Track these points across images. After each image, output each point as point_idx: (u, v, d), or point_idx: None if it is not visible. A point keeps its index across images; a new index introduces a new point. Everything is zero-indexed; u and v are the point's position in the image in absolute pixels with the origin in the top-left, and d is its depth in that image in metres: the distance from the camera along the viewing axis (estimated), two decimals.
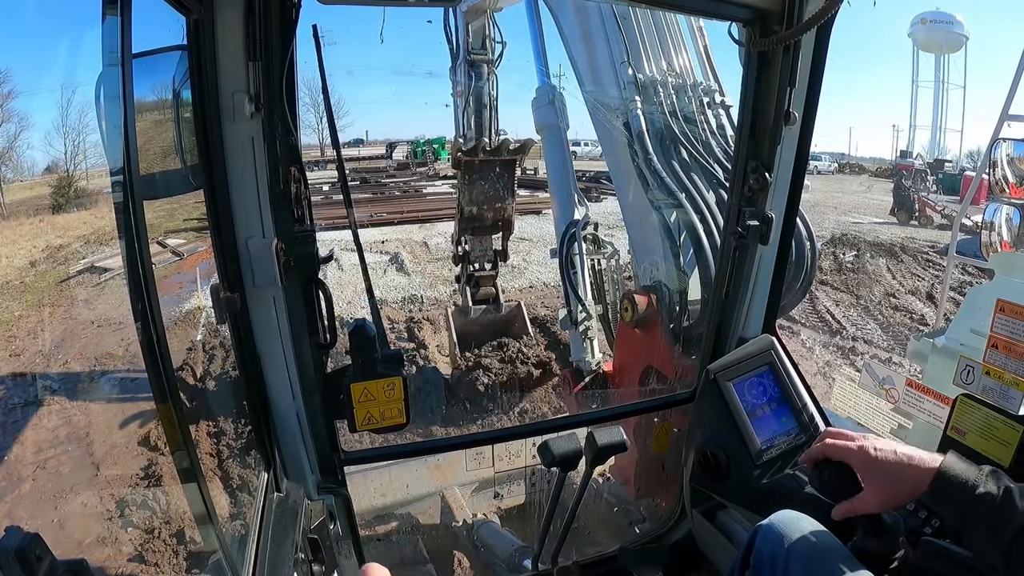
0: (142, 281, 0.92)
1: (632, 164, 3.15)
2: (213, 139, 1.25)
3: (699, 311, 2.88)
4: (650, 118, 3.18)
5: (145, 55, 1.09)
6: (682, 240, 2.97)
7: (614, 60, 3.22)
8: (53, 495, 4.98)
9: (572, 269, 3.66)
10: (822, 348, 8.15)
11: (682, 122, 3.21)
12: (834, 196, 25.05)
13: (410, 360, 7.75)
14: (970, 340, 3.19)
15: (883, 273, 11.73)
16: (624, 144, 3.19)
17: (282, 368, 1.48)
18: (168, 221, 13.07)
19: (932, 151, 32.18)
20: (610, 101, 3.28)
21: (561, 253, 3.76)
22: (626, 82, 3.19)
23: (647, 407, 2.36)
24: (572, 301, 3.73)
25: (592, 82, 3.39)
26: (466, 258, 6.82)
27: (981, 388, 2.77)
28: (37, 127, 20.38)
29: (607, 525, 3.05)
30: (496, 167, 6.06)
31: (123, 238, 0.91)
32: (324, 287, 1.48)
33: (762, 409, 1.87)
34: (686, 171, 3.08)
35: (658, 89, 3.19)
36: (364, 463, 1.78)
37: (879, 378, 3.39)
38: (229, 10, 1.18)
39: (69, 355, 7.71)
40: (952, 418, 1.60)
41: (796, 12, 1.57)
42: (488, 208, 6.27)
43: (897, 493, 1.19)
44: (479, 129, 6.05)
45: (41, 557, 0.71)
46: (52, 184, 17.71)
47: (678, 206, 2.97)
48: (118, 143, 0.89)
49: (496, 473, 3.38)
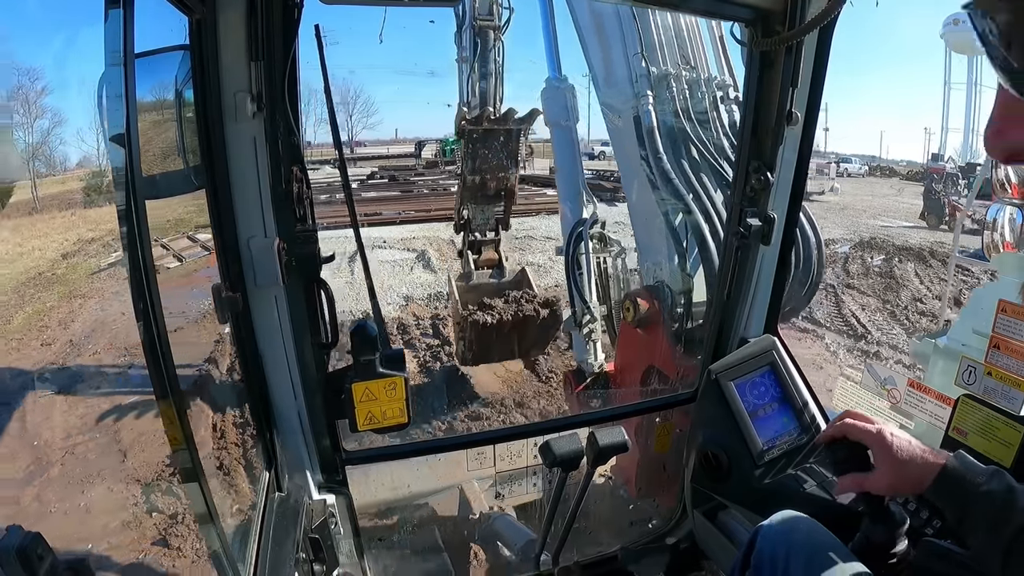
0: (144, 280, 0.93)
1: (641, 164, 3.11)
2: (215, 139, 1.25)
3: (701, 311, 2.88)
4: (661, 115, 3.13)
5: (147, 55, 1.10)
6: (687, 241, 2.96)
7: (627, 51, 3.16)
8: (63, 487, 5.00)
9: (578, 270, 3.62)
10: (846, 352, 8.12)
11: (694, 119, 3.17)
12: (864, 199, 24.90)
13: (434, 356, 7.79)
14: (972, 341, 3.18)
15: (911, 278, 11.65)
16: (634, 143, 3.15)
17: (284, 367, 1.48)
18: (199, 216, 13.15)
19: (964, 154, 31.80)
20: (622, 96, 3.22)
21: (567, 253, 3.73)
22: (639, 75, 3.13)
23: (649, 407, 2.36)
24: (577, 302, 3.71)
25: (604, 73, 3.33)
26: (467, 226, 6.63)
27: (983, 389, 2.76)
28: (69, 123, 20.32)
29: (608, 525, 3.05)
30: (500, 136, 5.85)
31: (125, 237, 0.92)
32: (326, 287, 1.48)
33: (764, 409, 1.87)
34: (695, 171, 3.05)
35: (671, 83, 3.13)
36: (365, 463, 1.78)
37: (880, 378, 3.39)
38: (231, 10, 1.18)
39: (99, 345, 7.81)
40: (954, 418, 1.60)
41: (798, 12, 1.57)
42: (491, 177, 6.07)
43: (905, 480, 1.21)
44: (484, 97, 5.87)
45: (42, 556, 0.71)
46: (83, 178, 17.75)
47: (685, 207, 2.95)
48: (120, 142, 0.89)
49: (498, 473, 3.38)
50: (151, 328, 0.95)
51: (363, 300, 9.16)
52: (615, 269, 3.85)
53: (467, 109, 5.81)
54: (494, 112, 5.73)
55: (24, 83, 18.69)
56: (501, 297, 6.34)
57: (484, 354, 6.38)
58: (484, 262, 6.85)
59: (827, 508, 1.40)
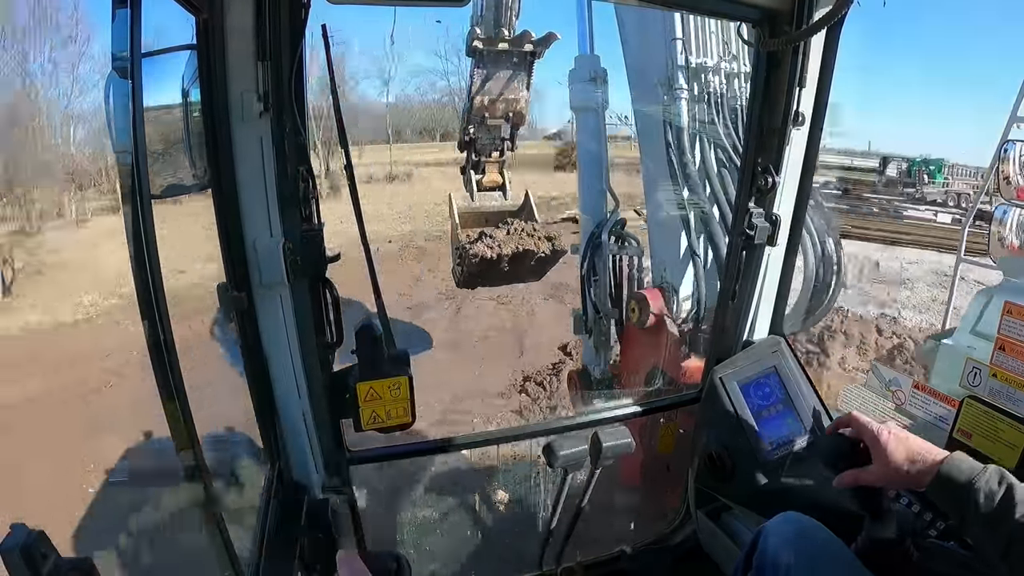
0: (149, 280, 0.93)
1: (666, 161, 2.99)
2: (221, 138, 1.25)
3: (706, 312, 2.87)
4: (693, 111, 2.99)
5: (154, 55, 1.10)
6: (701, 241, 2.93)
7: (665, 36, 2.95)
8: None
9: (594, 276, 3.42)
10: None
11: (726, 118, 3.02)
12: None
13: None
14: (977, 342, 3.17)
15: None
16: (661, 138, 3.01)
17: (288, 367, 1.48)
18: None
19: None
20: (655, 87, 3.04)
21: (583, 256, 3.54)
22: (676, 64, 2.94)
23: (653, 408, 2.36)
24: (588, 308, 3.56)
25: (640, 61, 3.11)
26: (472, 145, 6.27)
27: (988, 390, 2.75)
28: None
29: (611, 525, 3.05)
30: (514, 57, 5.59)
31: (131, 237, 0.92)
32: (331, 286, 1.48)
33: (768, 411, 1.86)
34: (720, 170, 2.97)
35: (709, 76, 2.98)
36: (369, 462, 1.78)
37: (886, 380, 3.38)
38: (238, 10, 1.18)
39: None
40: (958, 420, 1.59)
41: (806, 13, 1.56)
42: (501, 100, 5.82)
43: (900, 475, 1.21)
44: (498, 15, 5.44)
45: (46, 555, 0.71)
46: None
47: (702, 209, 2.91)
48: (127, 143, 0.89)
49: (501, 473, 3.38)
50: (156, 328, 0.95)
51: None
52: (631, 268, 3.55)
53: (480, 29, 5.46)
54: (508, 32, 5.40)
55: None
56: (502, 225, 6.08)
57: (480, 281, 6.22)
58: (488, 185, 6.49)
59: (830, 510, 1.40)
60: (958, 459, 1.17)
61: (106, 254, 11.85)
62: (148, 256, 0.92)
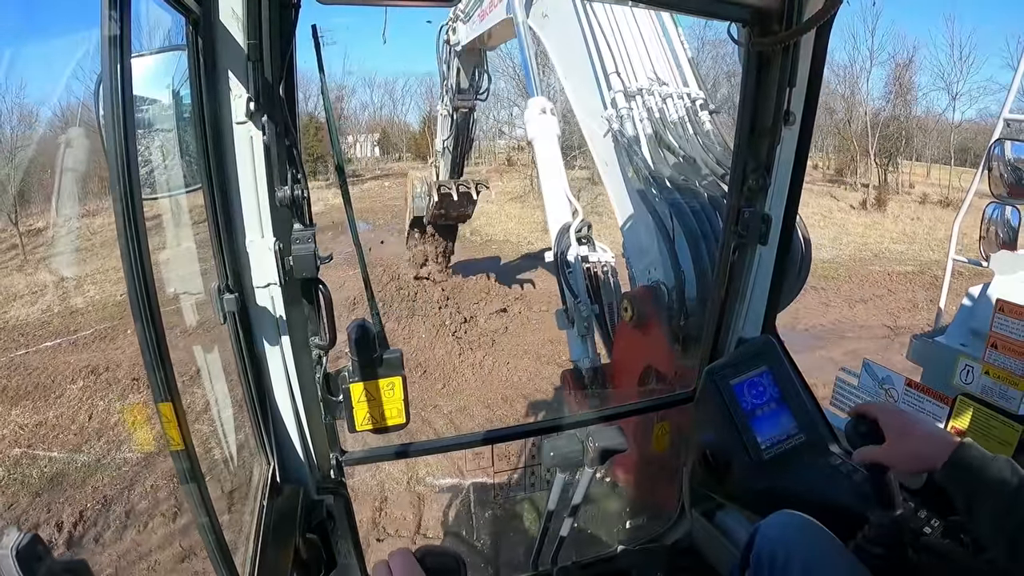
0: (142, 281, 0.92)
1: (625, 171, 3.33)
2: (213, 139, 1.25)
3: (698, 311, 2.88)
4: (641, 125, 3.41)
5: (145, 55, 1.09)
6: (677, 241, 3.00)
7: (604, 71, 3.51)
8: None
9: (568, 269, 3.67)
10: None
11: (675, 126, 3.45)
12: None
13: None
14: (970, 340, 3.18)
15: None
16: (615, 153, 3.44)
17: (282, 368, 1.48)
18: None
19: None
20: (599, 110, 3.54)
21: (555, 253, 3.83)
22: (615, 91, 3.46)
23: (647, 407, 2.36)
24: (568, 299, 3.72)
25: (581, 93, 3.69)
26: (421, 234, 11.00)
27: (981, 388, 2.76)
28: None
29: (606, 525, 3.05)
30: (463, 195, 9.29)
31: (122, 238, 0.91)
32: (324, 287, 1.48)
33: (762, 409, 1.87)
34: (679, 173, 3.22)
35: (646, 98, 3.46)
36: (364, 463, 1.78)
37: (879, 378, 3.39)
38: (228, 11, 1.18)
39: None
40: (952, 418, 1.60)
41: (796, 12, 1.57)
42: (454, 215, 9.98)
43: (913, 456, 1.23)
44: (454, 168, 9.13)
45: (40, 557, 0.71)
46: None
47: (674, 208, 3.01)
48: (117, 144, 0.89)
49: (496, 473, 3.37)
50: (149, 330, 0.95)
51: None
52: (603, 271, 3.87)
53: (436, 178, 9.36)
54: (458, 184, 9.18)
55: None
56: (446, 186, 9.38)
57: (444, 214, 9.90)
58: (424, 274, 11.19)
59: (826, 508, 1.40)
60: (972, 446, 1.17)
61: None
62: (139, 256, 0.92)
